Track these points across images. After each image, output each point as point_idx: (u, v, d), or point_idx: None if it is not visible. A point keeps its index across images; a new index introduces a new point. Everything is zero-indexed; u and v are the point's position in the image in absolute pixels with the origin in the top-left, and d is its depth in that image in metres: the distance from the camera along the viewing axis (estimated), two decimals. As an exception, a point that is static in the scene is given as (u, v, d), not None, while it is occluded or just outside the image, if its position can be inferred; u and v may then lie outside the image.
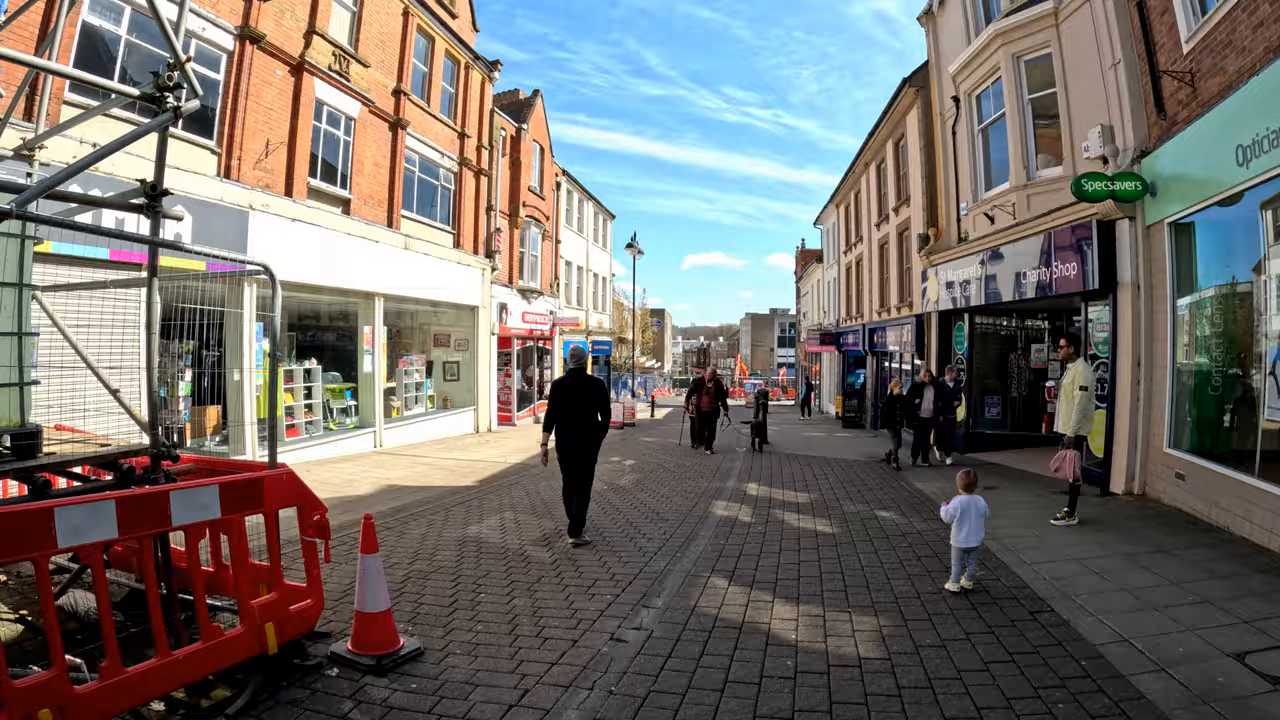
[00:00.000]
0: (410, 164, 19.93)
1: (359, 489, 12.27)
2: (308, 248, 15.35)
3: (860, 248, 31.00)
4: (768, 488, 12.93)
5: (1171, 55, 10.18)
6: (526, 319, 27.57)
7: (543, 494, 11.96)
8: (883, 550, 8.45)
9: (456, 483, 13.15)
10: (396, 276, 18.47)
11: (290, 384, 15.96)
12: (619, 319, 51.77)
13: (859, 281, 31.73)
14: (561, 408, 8.60)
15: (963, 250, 17.42)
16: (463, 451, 17.86)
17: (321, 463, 15.15)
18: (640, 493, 12.30)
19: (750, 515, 10.54)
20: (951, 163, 18.58)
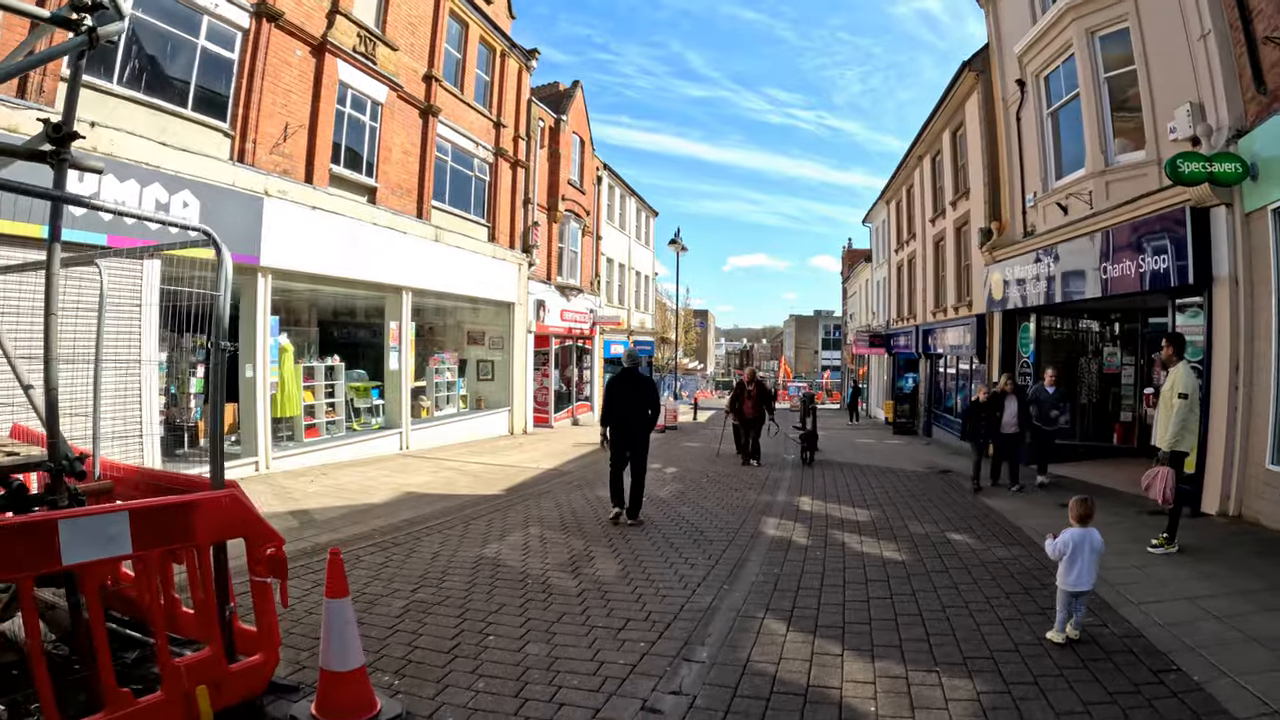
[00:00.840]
0: (442, 153, 18.99)
1: (375, 496, 11.26)
2: (330, 238, 14.43)
3: (913, 245, 29.47)
4: (822, 503, 11.66)
5: (1272, 21, 8.93)
6: (565, 317, 26.53)
7: (574, 506, 10.83)
8: (963, 584, 7.17)
9: (482, 491, 12.09)
10: (426, 270, 17.51)
11: (311, 382, 15.06)
12: (661, 319, 50.65)
13: (911, 281, 30.18)
14: (616, 402, 9.72)
15: (1030, 244, 16.04)
16: (493, 455, 16.83)
17: (341, 466, 14.22)
18: (682, 506, 11.11)
19: (806, 536, 9.29)
20: (1016, 151, 17.28)
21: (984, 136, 19.34)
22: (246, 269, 12.78)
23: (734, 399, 16.93)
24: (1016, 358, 17.83)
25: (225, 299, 4.27)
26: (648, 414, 9.70)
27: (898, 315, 33.15)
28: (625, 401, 9.66)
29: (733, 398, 17.16)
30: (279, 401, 13.95)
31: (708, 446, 20.39)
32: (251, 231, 12.63)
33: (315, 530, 8.95)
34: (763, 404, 16.49)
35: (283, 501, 10.63)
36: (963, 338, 21.55)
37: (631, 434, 9.67)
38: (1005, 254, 17.49)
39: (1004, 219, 18.30)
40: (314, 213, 14.07)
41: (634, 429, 9.67)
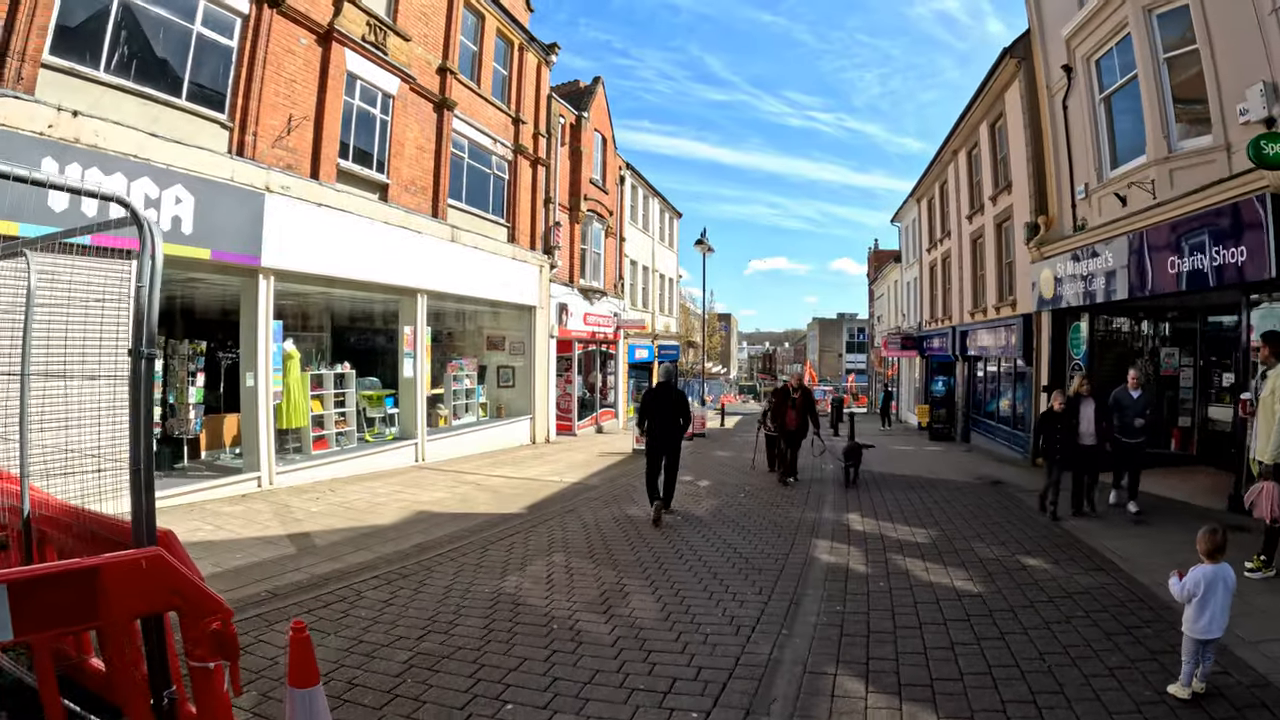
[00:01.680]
0: (458, 149, 18.07)
1: (384, 516, 10.28)
2: (337, 236, 13.52)
3: (947, 244, 28.24)
4: (874, 521, 10.54)
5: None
6: (588, 321, 25.54)
7: (603, 527, 9.80)
8: (1054, 623, 6.12)
9: (502, 509, 11.08)
10: (442, 271, 16.57)
11: (319, 390, 14.16)
12: (684, 323, 49.62)
13: (946, 280, 28.94)
14: (652, 412, 10.56)
15: (1082, 239, 14.96)
16: (515, 467, 15.83)
17: (352, 480, 13.27)
18: (721, 526, 10.05)
19: (864, 562, 8.22)
20: (1063, 141, 16.22)
21: (1028, 127, 18.23)
22: (246, 270, 11.92)
23: (775, 409, 14.64)
24: (1067, 360, 16.68)
25: (153, 292, 3.26)
26: (680, 423, 10.58)
27: (930, 316, 31.92)
28: (660, 411, 10.52)
29: (774, 407, 14.78)
30: (284, 412, 13.05)
31: (739, 456, 19.30)
32: (251, 230, 11.74)
33: (314, 558, 7.98)
34: (807, 414, 14.28)
35: (282, 522, 9.68)
36: (1005, 339, 20.36)
37: (666, 441, 10.50)
38: (1054, 250, 16.40)
39: (1051, 213, 17.22)
40: (320, 210, 13.17)
41: (668, 436, 10.50)
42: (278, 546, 8.43)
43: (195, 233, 10.80)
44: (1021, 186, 18.91)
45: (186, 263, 10.97)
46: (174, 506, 10.35)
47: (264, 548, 8.36)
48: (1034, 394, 17.78)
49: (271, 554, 8.11)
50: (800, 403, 14.26)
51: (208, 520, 9.66)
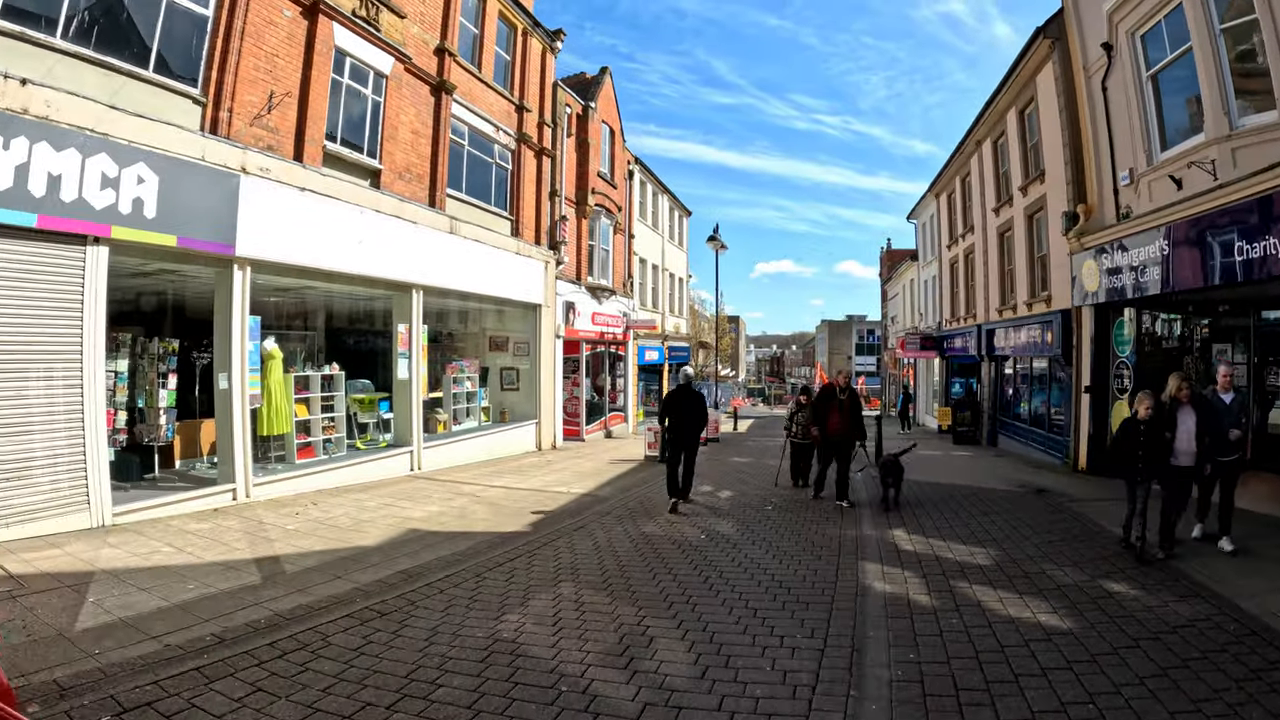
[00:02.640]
0: (458, 135, 16.88)
1: (368, 535, 9.06)
2: (323, 224, 12.34)
3: (970, 239, 26.96)
4: (922, 537, 9.31)
5: None
6: (597, 320, 24.29)
7: (618, 549, 8.57)
8: (1171, 668, 5.08)
9: (502, 526, 9.84)
10: (440, 265, 15.36)
11: (304, 393, 12.97)
12: (694, 324, 48.34)
13: (969, 277, 27.67)
14: (673, 412, 11.41)
15: (1129, 227, 13.82)
16: (518, 476, 14.59)
17: (339, 491, 12.06)
18: (752, 546, 8.80)
19: (926, 591, 7.00)
20: (1103, 124, 15.12)
21: (1064, 111, 17.06)
22: (218, 260, 10.75)
23: (816, 412, 12.22)
24: (1111, 358, 15.51)
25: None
26: (698, 420, 11.55)
27: (952, 315, 30.64)
28: (680, 411, 11.41)
29: (814, 410, 12.42)
30: (265, 417, 11.87)
31: (759, 463, 18.11)
32: (224, 215, 10.57)
33: (279, 590, 6.77)
34: (857, 421, 11.93)
35: (251, 543, 8.47)
36: (1039, 337, 19.13)
37: (686, 438, 11.39)
38: (1096, 240, 15.27)
39: (1091, 201, 16.10)
40: (304, 195, 11.99)
41: (687, 434, 11.40)
42: (240, 574, 7.23)
43: (160, 217, 9.64)
44: (1057, 174, 17.76)
45: (149, 250, 9.82)
46: (136, 523, 9.21)
47: (224, 575, 7.16)
48: (1074, 395, 16.65)
49: (231, 583, 6.91)
50: (849, 406, 11.87)
51: (169, 539, 8.49)
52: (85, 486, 8.93)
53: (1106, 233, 14.83)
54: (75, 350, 8.94)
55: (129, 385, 11.01)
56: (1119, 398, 15.09)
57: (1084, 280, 15.82)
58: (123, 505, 9.46)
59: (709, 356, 47.21)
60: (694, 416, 11.47)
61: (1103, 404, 15.71)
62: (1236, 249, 10.63)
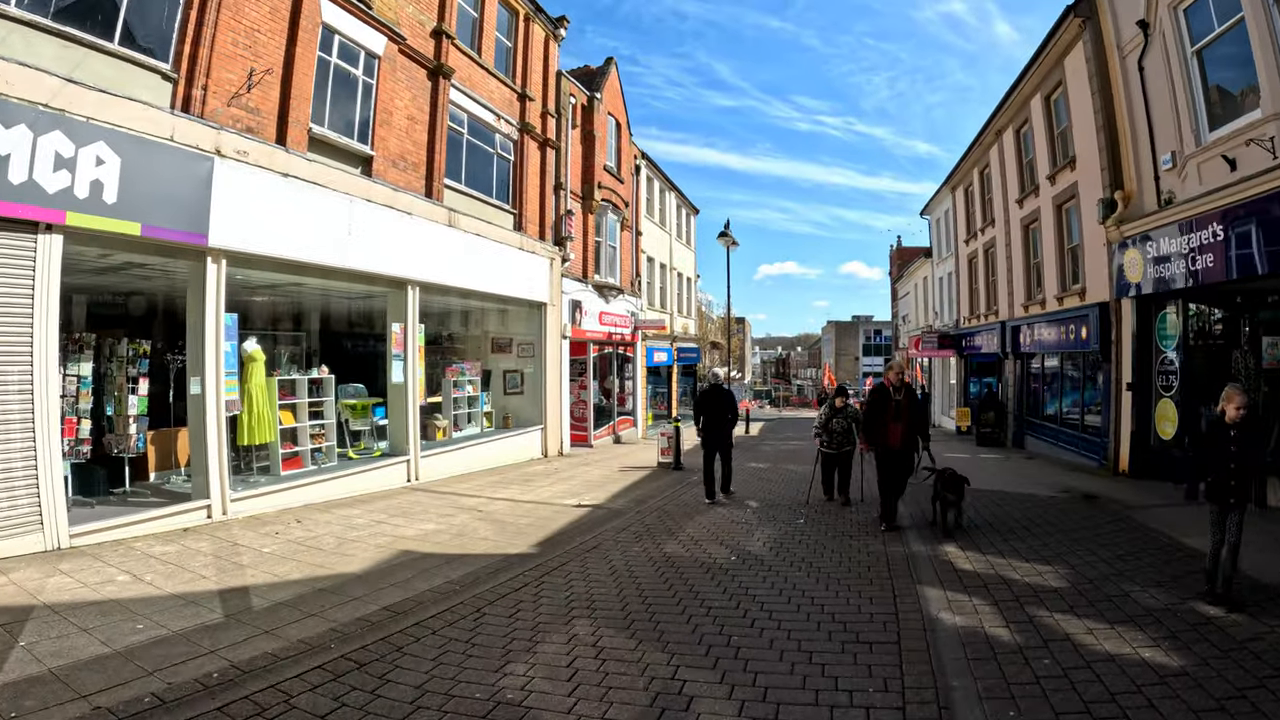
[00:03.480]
0: (456, 123, 15.84)
1: (354, 559, 7.99)
2: (309, 214, 11.31)
3: (991, 232, 25.86)
4: (978, 554, 8.21)
5: None
6: (604, 320, 23.21)
7: (639, 575, 7.49)
8: None
9: (506, 546, 8.75)
10: (438, 260, 14.31)
11: (290, 399, 11.94)
12: (701, 326, 47.23)
13: (990, 272, 26.58)
14: (706, 410, 12.35)
15: (1177, 212, 12.85)
16: (523, 487, 13.51)
17: (328, 506, 11.01)
18: (789, 568, 7.72)
19: (1002, 623, 5.94)
20: (1141, 106, 14.28)
21: (1097, 93, 16.05)
22: (189, 250, 9.73)
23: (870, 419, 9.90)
24: (1154, 354, 14.48)
25: None
26: (728, 418, 12.40)
27: (970, 312, 29.53)
28: (712, 410, 12.33)
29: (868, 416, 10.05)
30: (245, 425, 10.84)
31: (778, 468, 17.10)
32: (196, 201, 9.53)
33: (242, 631, 5.71)
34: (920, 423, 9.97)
35: (220, 570, 7.41)
36: (1073, 332, 18.04)
37: (718, 435, 12.27)
38: (1138, 228, 14.32)
39: (1128, 187, 15.13)
40: (287, 182, 10.96)
41: (720, 431, 12.27)
42: (200, 610, 6.17)
43: (122, 202, 8.62)
44: (1090, 160, 16.74)
45: (110, 239, 8.79)
46: (95, 545, 8.21)
47: (181, 612, 6.11)
48: (1113, 394, 15.62)
49: (188, 622, 5.86)
50: (908, 407, 9.66)
51: (128, 565, 7.45)
52: (39, 505, 7.91)
53: (1150, 219, 13.87)
54: (25, 352, 7.92)
55: (95, 391, 9.99)
56: (1163, 396, 14.12)
57: (1126, 271, 14.80)
58: (82, 525, 8.44)
59: (722, 357, 46.03)
60: (726, 414, 12.37)
61: (1145, 403, 14.68)
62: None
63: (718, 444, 12.27)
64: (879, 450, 9.79)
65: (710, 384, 13.14)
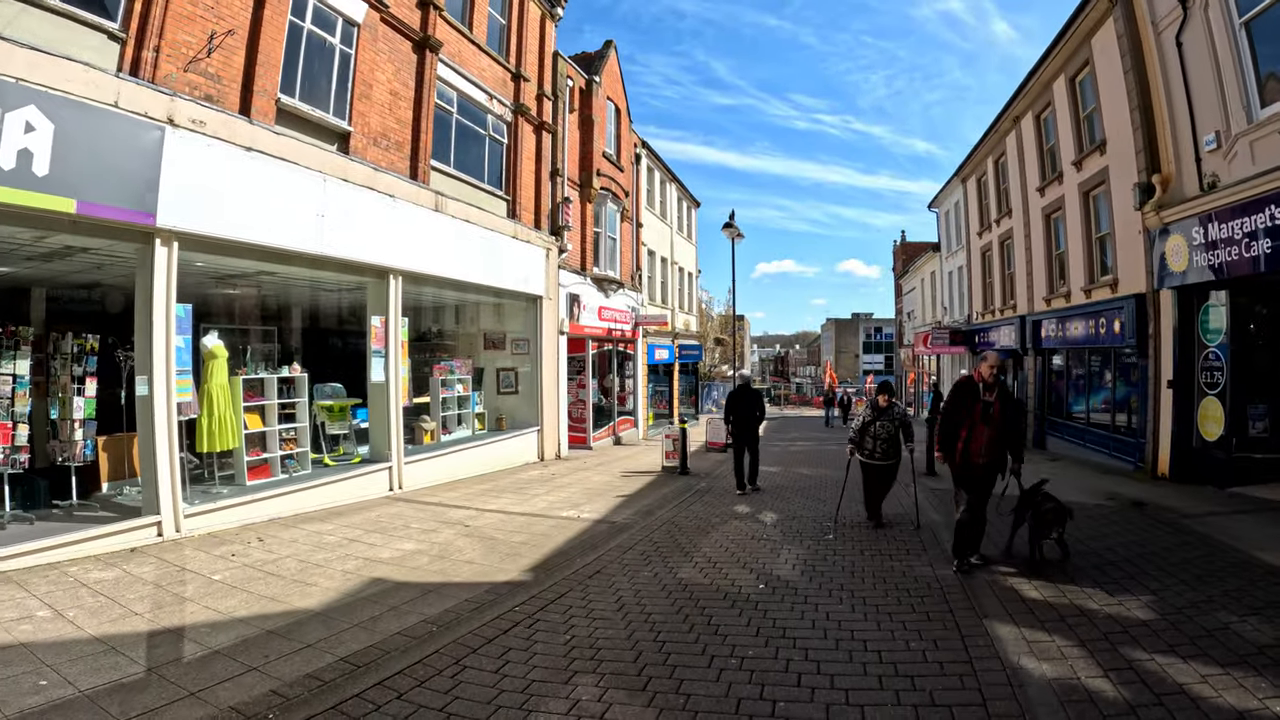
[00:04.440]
0: (445, 101, 14.67)
1: (315, 591, 6.82)
2: (275, 194, 10.15)
3: (1007, 223, 24.68)
4: (1044, 580, 7.02)
5: None
6: (604, 315, 22.03)
7: (650, 607, 6.31)
8: None
9: (494, 573, 7.55)
10: (423, 248, 13.15)
11: (258, 400, 10.78)
12: (702, 323, 46.03)
13: (1006, 264, 25.41)
14: (736, 409, 13.12)
15: (1227, 196, 11.79)
16: (517, 496, 12.34)
17: (296, 521, 9.84)
18: (828, 598, 6.54)
19: (1098, 671, 4.84)
20: (1179, 84, 13.29)
21: (1130, 71, 14.94)
22: (134, 231, 8.56)
23: (949, 421, 7.55)
24: (1197, 348, 13.37)
25: None
26: (756, 415, 13.18)
27: (984, 307, 28.37)
28: (743, 408, 13.03)
29: (945, 417, 7.65)
30: (204, 430, 9.69)
31: (790, 471, 15.97)
32: (143, 176, 8.38)
33: (158, 694, 4.55)
34: (1013, 436, 7.67)
35: (155, 606, 6.24)
36: (1102, 326, 16.94)
37: (747, 431, 12.95)
38: (1181, 213, 13.20)
39: (1167, 170, 14.02)
40: (251, 157, 9.79)
41: (749, 427, 12.98)
42: (120, 660, 5.03)
43: (54, 175, 7.47)
44: (1123, 143, 15.62)
45: (39, 218, 7.62)
46: (25, 570, 7.14)
47: (97, 662, 4.97)
48: (1151, 392, 14.49)
49: (101, 678, 4.73)
50: (999, 412, 7.36)
51: (55, 596, 6.31)
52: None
53: (1195, 204, 12.78)
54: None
55: (32, 393, 8.84)
56: (1208, 393, 13.01)
57: (1169, 259, 13.67)
58: (12, 546, 7.35)
59: (725, 353, 44.83)
60: (754, 411, 13.25)
61: (1188, 401, 13.54)
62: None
63: (747, 439, 13.02)
64: (957, 465, 7.50)
65: (740, 384, 14.01)
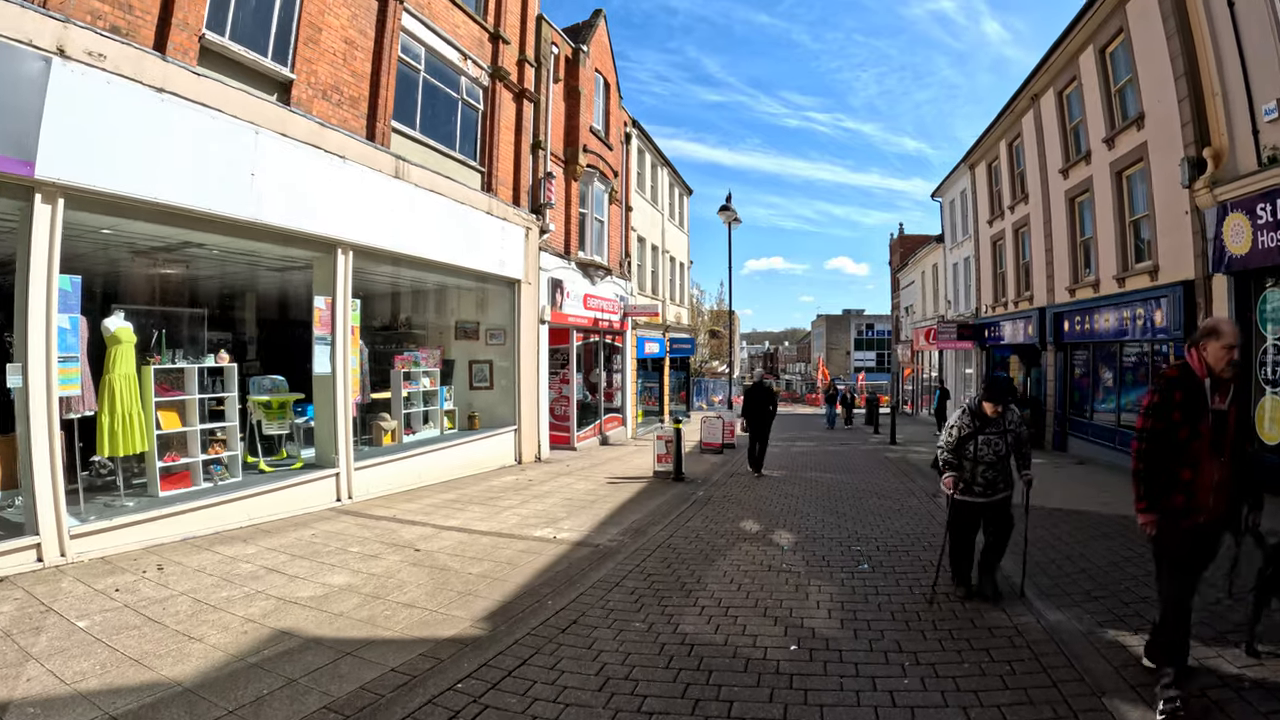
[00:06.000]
0: (411, 57, 12.93)
1: (199, 647, 5.11)
2: (194, 147, 8.40)
3: (1023, 209, 23.11)
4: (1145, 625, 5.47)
5: None
6: (590, 304, 20.25)
7: (643, 682, 4.61)
8: None
9: (438, 623, 5.81)
10: (381, 219, 11.39)
11: (176, 394, 9.05)
12: (693, 316, 44.37)
13: (1021, 254, 23.92)
14: (752, 404, 15.21)
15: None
16: (486, 509, 10.59)
17: (215, 539, 8.12)
18: (885, 666, 4.86)
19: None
20: (1233, 48, 12.09)
21: (1175, 36, 13.61)
22: (10, 184, 6.82)
23: (1166, 441, 4.33)
24: (1255, 341, 11.88)
25: None
26: (769, 410, 15.31)
27: (994, 299, 26.82)
28: (757, 403, 15.17)
29: (1157, 434, 4.36)
30: (106, 430, 7.98)
31: (795, 476, 14.51)
32: (19, 115, 6.66)
33: None
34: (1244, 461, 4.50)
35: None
36: (1140, 318, 15.53)
37: (761, 424, 15.00)
38: (1242, 189, 11.80)
39: (1218, 144, 12.71)
40: (163, 100, 8.05)
41: (763, 421, 15.05)
42: None
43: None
44: (1165, 116, 14.26)
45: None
46: None
47: None
48: None
49: None
50: (1234, 428, 4.44)
51: None
52: None
53: (1259, 178, 11.38)
54: None
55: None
56: (1268, 391, 11.58)
57: (1228, 241, 12.26)
58: None
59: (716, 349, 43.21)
60: (768, 406, 15.25)
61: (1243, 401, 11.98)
62: None
63: (760, 431, 14.98)
64: (1167, 523, 4.33)
65: (756, 381, 16.08)
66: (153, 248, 10.01)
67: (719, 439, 19.18)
